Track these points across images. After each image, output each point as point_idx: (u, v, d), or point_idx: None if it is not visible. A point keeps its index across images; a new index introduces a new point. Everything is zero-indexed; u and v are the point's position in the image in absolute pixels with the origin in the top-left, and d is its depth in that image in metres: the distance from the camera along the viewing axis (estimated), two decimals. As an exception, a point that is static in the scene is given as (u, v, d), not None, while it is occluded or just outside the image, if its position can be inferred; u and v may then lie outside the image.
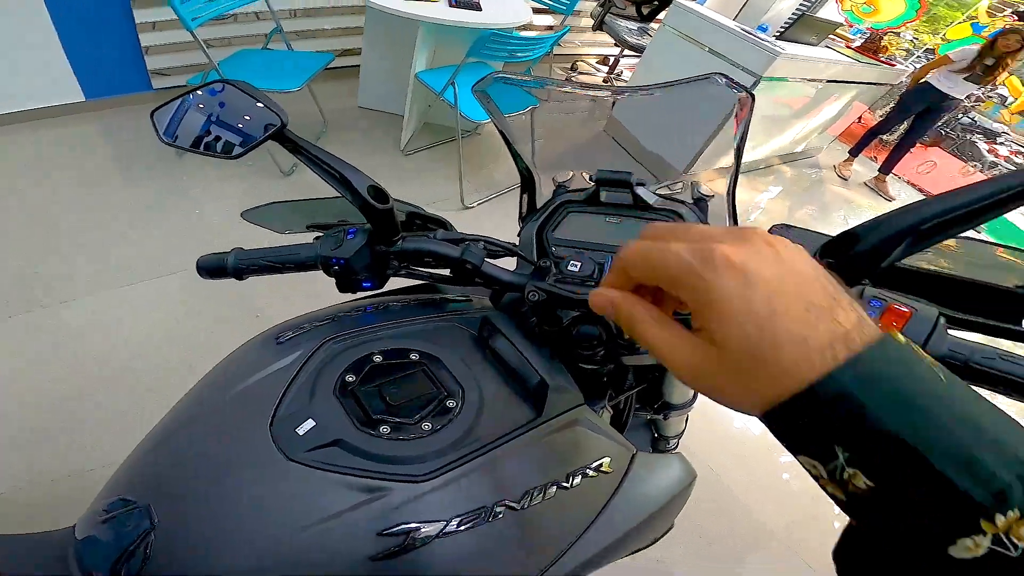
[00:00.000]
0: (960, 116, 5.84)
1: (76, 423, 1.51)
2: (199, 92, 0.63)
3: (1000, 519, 0.20)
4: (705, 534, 1.65)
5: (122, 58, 2.61)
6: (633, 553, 1.02)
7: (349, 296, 0.68)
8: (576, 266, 0.62)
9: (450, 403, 0.54)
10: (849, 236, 0.42)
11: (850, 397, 0.22)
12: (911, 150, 4.39)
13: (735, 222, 0.71)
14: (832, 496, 0.24)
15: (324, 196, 0.86)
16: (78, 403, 1.55)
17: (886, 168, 4.42)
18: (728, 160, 0.73)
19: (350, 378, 0.55)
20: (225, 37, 2.81)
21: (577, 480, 0.55)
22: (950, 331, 0.42)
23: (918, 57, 5.27)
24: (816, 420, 0.23)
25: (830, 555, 0.29)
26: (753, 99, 0.71)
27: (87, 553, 0.52)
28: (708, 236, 0.27)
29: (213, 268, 0.69)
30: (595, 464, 0.57)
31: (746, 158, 3.59)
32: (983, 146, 5.82)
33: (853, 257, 0.41)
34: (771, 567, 1.64)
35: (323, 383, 0.55)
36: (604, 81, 4.50)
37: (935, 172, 5.34)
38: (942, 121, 4.79)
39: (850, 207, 4.16)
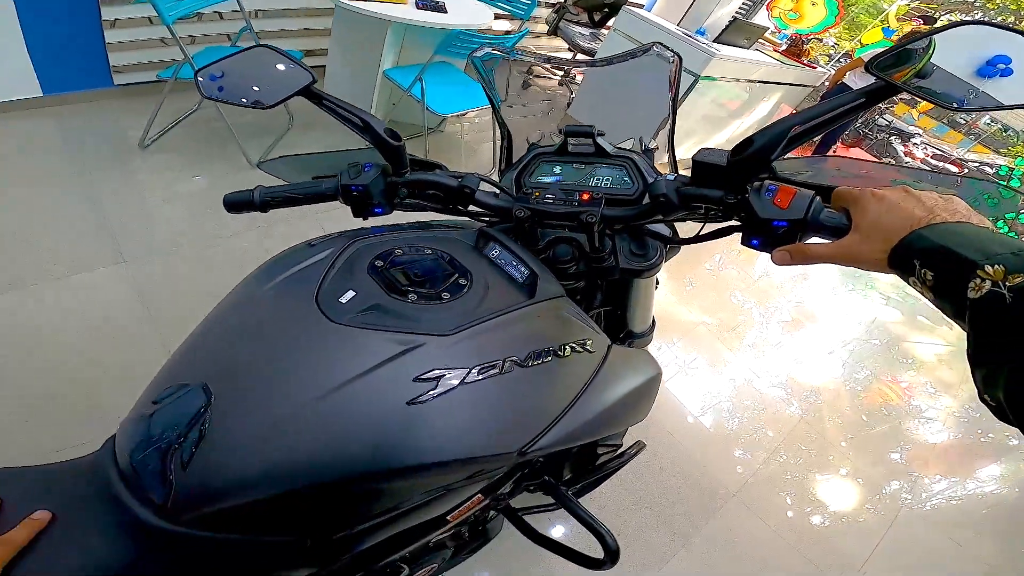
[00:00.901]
0: (876, 117, 6.40)
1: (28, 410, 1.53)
2: (237, 55, 0.75)
3: (990, 268, 0.37)
4: (668, 495, 1.79)
5: (85, 54, 2.58)
6: (612, 438, 1.15)
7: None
8: (551, 198, 0.77)
9: (462, 281, 0.66)
10: (748, 141, 0.57)
11: (923, 237, 0.43)
12: (833, 149, 4.81)
13: (675, 163, 0.87)
14: (924, 295, 0.43)
15: (327, 151, 0.98)
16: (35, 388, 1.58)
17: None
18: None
19: (379, 263, 0.66)
20: (190, 35, 2.84)
21: (568, 352, 0.66)
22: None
23: (838, 60, 5.77)
24: (908, 250, 0.44)
25: (780, 512, 0.48)
26: (680, 60, 0.86)
27: (135, 452, 0.55)
28: (864, 188, 0.51)
29: (240, 202, 0.77)
30: (581, 340, 0.69)
31: (688, 154, 3.88)
32: (899, 146, 6.39)
33: (752, 155, 0.57)
34: (729, 523, 1.78)
35: (357, 266, 0.66)
36: (559, 84, 4.73)
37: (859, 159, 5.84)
38: (860, 121, 5.24)
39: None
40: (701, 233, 0.73)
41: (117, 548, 0.54)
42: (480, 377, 0.57)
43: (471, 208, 0.79)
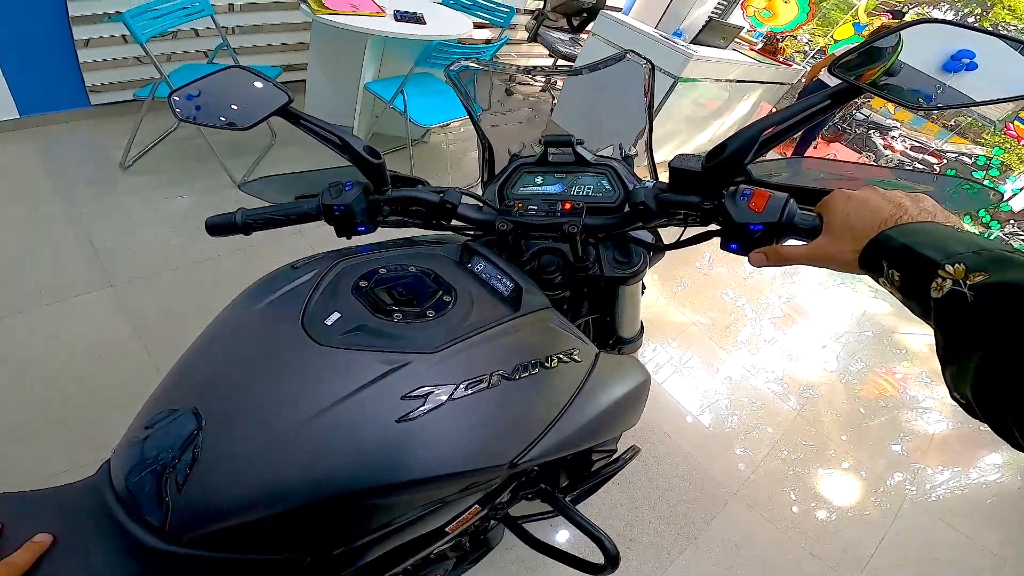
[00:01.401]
0: (854, 112, 6.49)
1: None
2: (212, 76, 0.74)
3: (950, 268, 0.37)
4: (669, 497, 1.79)
5: (59, 74, 2.56)
6: (605, 444, 1.15)
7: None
8: (533, 209, 0.77)
9: (446, 298, 0.67)
10: (720, 147, 0.58)
11: (890, 237, 0.43)
12: (814, 144, 4.87)
13: (654, 169, 0.88)
14: (894, 295, 0.43)
15: (308, 170, 0.98)
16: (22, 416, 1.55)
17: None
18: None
19: (363, 283, 0.67)
20: (166, 52, 2.82)
21: (555, 362, 0.66)
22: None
23: (813, 57, 5.85)
24: (876, 250, 0.44)
25: (783, 508, 0.47)
26: (653, 67, 0.88)
27: (131, 475, 0.56)
28: (836, 190, 0.52)
29: (222, 225, 0.77)
30: (568, 351, 0.69)
31: (670, 156, 3.90)
32: (878, 140, 6.48)
33: (726, 159, 0.58)
34: (732, 522, 1.78)
35: (341, 287, 0.66)
36: (541, 91, 4.75)
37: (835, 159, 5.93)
38: (838, 117, 5.32)
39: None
40: (682, 239, 0.73)
41: (118, 570, 0.55)
42: (468, 392, 0.58)
43: (454, 223, 0.79)
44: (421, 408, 0.55)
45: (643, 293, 1.01)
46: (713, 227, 0.64)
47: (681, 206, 0.64)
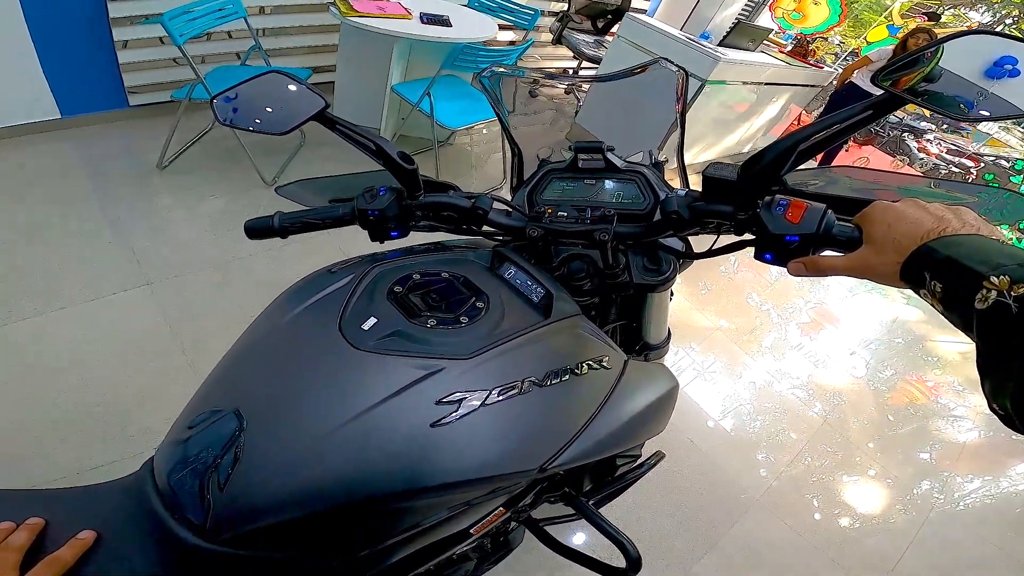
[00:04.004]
0: (888, 116, 6.32)
1: (71, 422, 1.57)
2: (252, 81, 0.76)
3: (995, 279, 0.37)
4: (690, 502, 1.77)
5: (100, 75, 2.66)
6: (630, 449, 1.15)
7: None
8: (563, 215, 0.78)
9: (479, 304, 0.68)
10: (757, 156, 0.58)
11: (933, 250, 0.43)
12: (845, 147, 4.77)
13: (685, 177, 0.88)
14: (934, 307, 0.43)
15: (343, 174, 1.00)
16: (75, 405, 1.61)
17: (824, 164, 4.79)
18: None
19: (398, 288, 0.68)
20: (200, 54, 2.90)
21: (585, 369, 0.67)
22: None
23: (844, 59, 5.73)
24: (918, 262, 0.44)
25: (806, 515, 0.48)
26: (687, 75, 0.88)
27: (173, 473, 0.57)
28: (875, 201, 0.52)
29: (260, 228, 0.78)
30: (598, 358, 0.70)
31: (698, 158, 3.87)
32: (912, 143, 6.31)
33: (762, 169, 0.58)
34: (754, 528, 1.76)
35: (377, 293, 0.68)
36: (566, 92, 4.74)
37: (869, 167, 5.78)
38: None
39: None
40: (714, 248, 0.73)
41: (158, 567, 0.56)
42: (500, 398, 0.59)
43: (485, 228, 0.80)
44: (454, 414, 0.56)
45: (671, 299, 1.01)
46: (747, 237, 0.64)
47: (715, 215, 0.64)
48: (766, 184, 0.59)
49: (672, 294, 0.99)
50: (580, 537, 1.60)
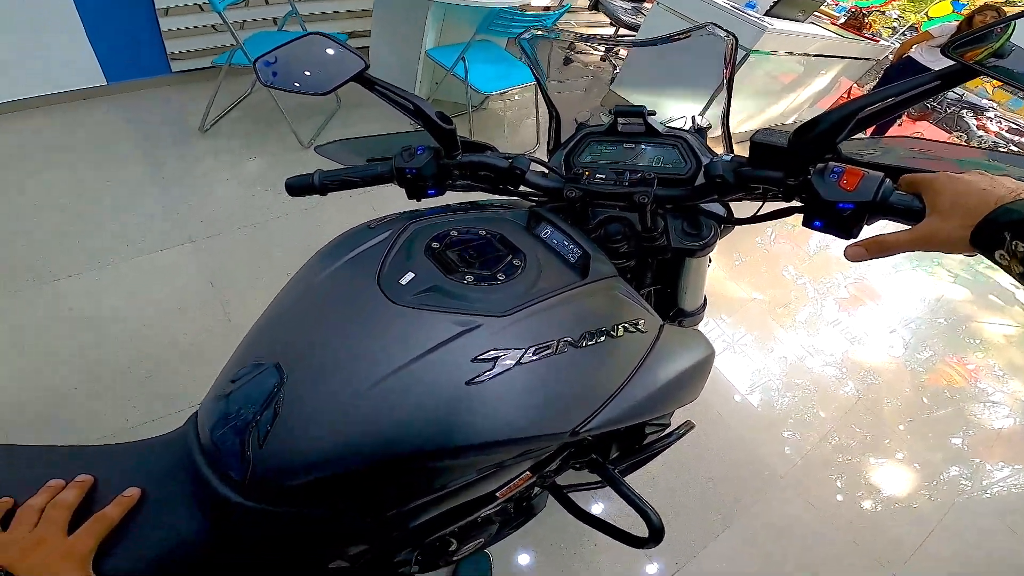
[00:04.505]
0: (946, 92, 5.97)
1: (119, 380, 1.66)
2: (293, 43, 0.76)
3: None
4: (713, 475, 1.78)
5: (143, 43, 2.71)
6: (660, 417, 1.13)
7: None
8: (601, 177, 0.77)
9: (515, 262, 0.68)
10: (812, 123, 0.56)
11: (1011, 210, 0.43)
12: (897, 122, 4.54)
13: (730, 143, 0.86)
14: (1011, 269, 0.44)
15: (380, 134, 1.00)
16: (128, 362, 1.70)
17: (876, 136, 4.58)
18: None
19: (435, 244, 0.68)
20: (238, 20, 2.93)
21: (620, 332, 0.65)
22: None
23: (902, 34, 5.41)
24: (994, 225, 0.44)
25: (829, 495, 0.48)
26: (736, 40, 0.84)
27: (215, 429, 0.58)
28: (938, 172, 0.52)
29: (300, 186, 0.80)
30: (634, 321, 0.68)
31: (740, 128, 3.74)
32: (971, 120, 5.96)
33: (816, 136, 0.56)
34: (775, 505, 1.76)
35: (415, 248, 0.68)
36: (601, 60, 4.62)
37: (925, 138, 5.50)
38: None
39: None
40: (758, 214, 0.71)
41: (199, 524, 0.58)
42: (535, 358, 0.58)
43: (521, 188, 0.80)
44: (489, 372, 0.56)
45: (709, 266, 0.99)
46: (794, 204, 0.63)
47: (762, 181, 0.62)
48: (819, 151, 0.57)
49: (710, 261, 0.98)
50: (599, 507, 1.63)
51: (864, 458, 1.98)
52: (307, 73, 0.76)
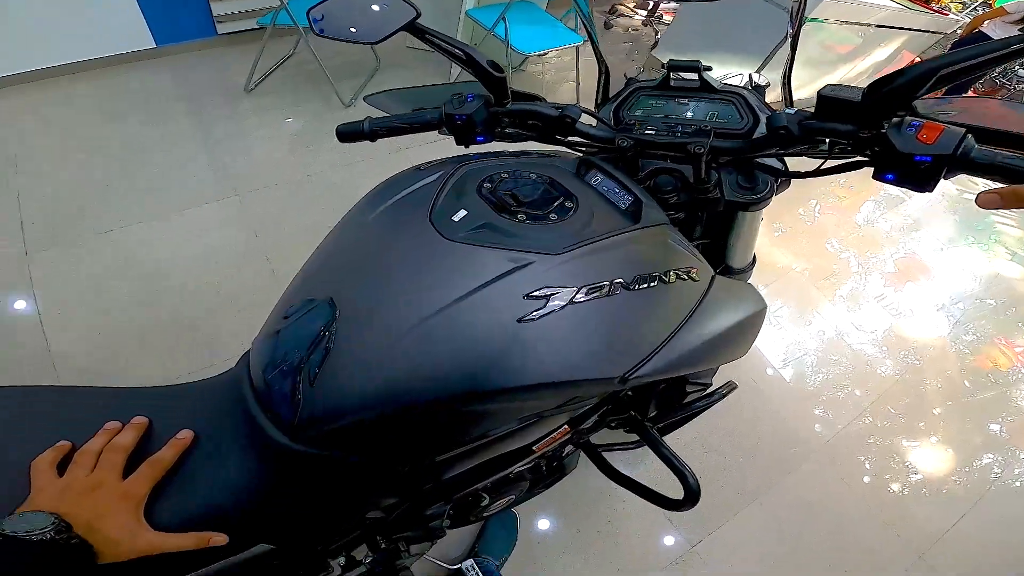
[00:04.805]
0: (1016, 68, 5.58)
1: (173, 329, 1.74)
2: None
3: None
4: (743, 446, 1.77)
5: (190, 6, 2.76)
6: (704, 375, 1.12)
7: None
8: (653, 130, 0.77)
9: (568, 204, 0.67)
10: (888, 78, 0.54)
11: None
12: (964, 94, 4.29)
13: (790, 100, 0.83)
14: None
15: (429, 84, 1.01)
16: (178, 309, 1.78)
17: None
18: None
19: (487, 185, 0.68)
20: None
21: (673, 278, 0.64)
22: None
23: (974, 9, 5.05)
24: None
25: (858, 475, 0.47)
26: None
27: (268, 369, 0.58)
28: None
29: (351, 133, 0.81)
30: (686, 268, 0.67)
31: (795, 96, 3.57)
32: (1043, 98, 5.56)
33: (893, 91, 0.54)
34: (805, 482, 1.75)
35: (467, 188, 0.67)
36: (643, 23, 4.47)
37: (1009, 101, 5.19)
38: (998, 71, 4.65)
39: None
40: (823, 167, 0.69)
41: (247, 467, 0.58)
42: (587, 298, 0.57)
43: (570, 138, 0.79)
44: (542, 309, 0.55)
45: (760, 223, 0.96)
46: (861, 157, 0.62)
47: (831, 134, 0.61)
48: (896, 106, 0.56)
49: (761, 219, 0.96)
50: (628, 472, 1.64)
51: (897, 440, 1.94)
52: (359, 22, 0.76)
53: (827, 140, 0.63)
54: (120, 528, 0.49)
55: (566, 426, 0.79)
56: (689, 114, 0.80)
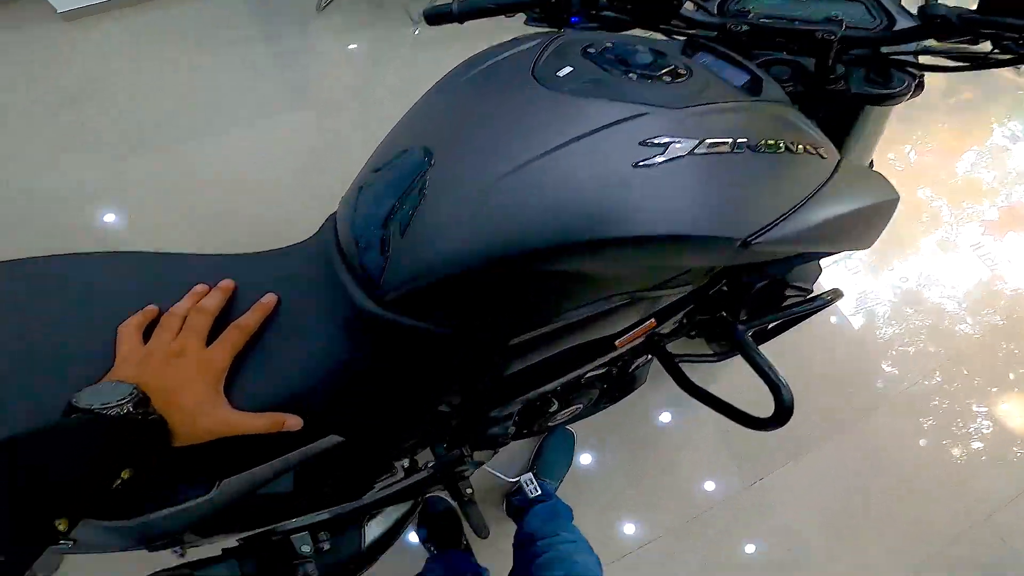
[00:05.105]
0: None
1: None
2: None
3: None
4: (804, 391, 1.70)
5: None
6: (806, 280, 1.07)
7: None
8: (767, 20, 0.71)
9: (681, 70, 0.60)
10: None
11: None
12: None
13: None
14: None
15: None
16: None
17: None
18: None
19: (591, 49, 0.62)
20: None
21: (800, 150, 0.59)
22: None
23: None
24: None
25: (921, 435, 0.43)
26: None
27: (356, 224, 0.55)
28: None
29: (439, 14, 0.78)
30: (814, 144, 0.62)
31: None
32: None
33: None
34: (866, 435, 1.75)
35: (571, 51, 0.61)
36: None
37: None
38: None
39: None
40: (994, 56, 0.61)
41: (330, 331, 0.57)
42: (710, 152, 0.52)
43: (673, 23, 0.73)
44: (659, 157, 0.50)
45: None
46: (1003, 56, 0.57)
47: (1002, 27, 0.55)
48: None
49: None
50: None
51: (966, 404, 1.86)
52: None
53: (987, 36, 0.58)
54: (198, 401, 0.48)
55: (652, 319, 0.76)
56: (806, 12, 0.73)
